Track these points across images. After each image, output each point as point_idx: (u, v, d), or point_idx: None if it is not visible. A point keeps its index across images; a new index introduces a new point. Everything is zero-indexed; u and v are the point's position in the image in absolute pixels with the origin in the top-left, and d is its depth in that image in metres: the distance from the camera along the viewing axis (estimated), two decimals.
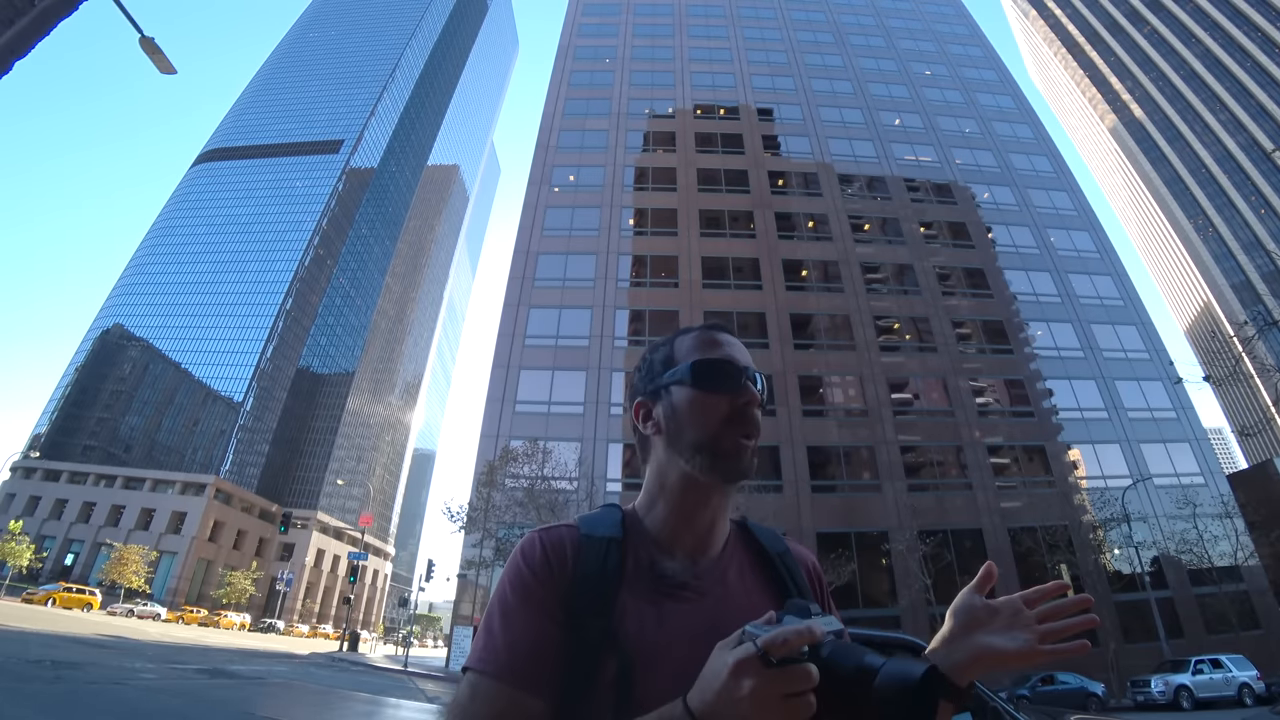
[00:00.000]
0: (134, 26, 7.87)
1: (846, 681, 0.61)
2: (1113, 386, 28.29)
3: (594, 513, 0.94)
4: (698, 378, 0.90)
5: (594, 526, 0.90)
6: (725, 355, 0.92)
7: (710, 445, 0.87)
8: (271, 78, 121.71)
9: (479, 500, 21.76)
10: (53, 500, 68.54)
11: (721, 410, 0.88)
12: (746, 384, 0.90)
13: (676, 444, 0.90)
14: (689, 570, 0.88)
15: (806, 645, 0.60)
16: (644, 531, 0.91)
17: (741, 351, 0.94)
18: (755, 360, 0.94)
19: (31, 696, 7.29)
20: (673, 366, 0.94)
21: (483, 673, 0.76)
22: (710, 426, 0.88)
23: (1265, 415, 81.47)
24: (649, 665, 0.77)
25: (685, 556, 0.89)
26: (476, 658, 0.77)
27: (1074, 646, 0.73)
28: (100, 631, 20.46)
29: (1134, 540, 23.38)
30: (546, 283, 29.39)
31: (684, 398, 0.91)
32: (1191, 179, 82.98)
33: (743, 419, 0.88)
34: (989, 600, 0.78)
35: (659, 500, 0.93)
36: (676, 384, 0.92)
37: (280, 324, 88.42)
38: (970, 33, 49.16)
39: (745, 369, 0.91)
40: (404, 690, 16.01)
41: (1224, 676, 17.23)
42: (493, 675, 0.75)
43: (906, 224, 33.21)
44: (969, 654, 0.75)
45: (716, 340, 0.94)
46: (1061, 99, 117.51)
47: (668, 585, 0.85)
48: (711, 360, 0.91)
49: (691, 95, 39.23)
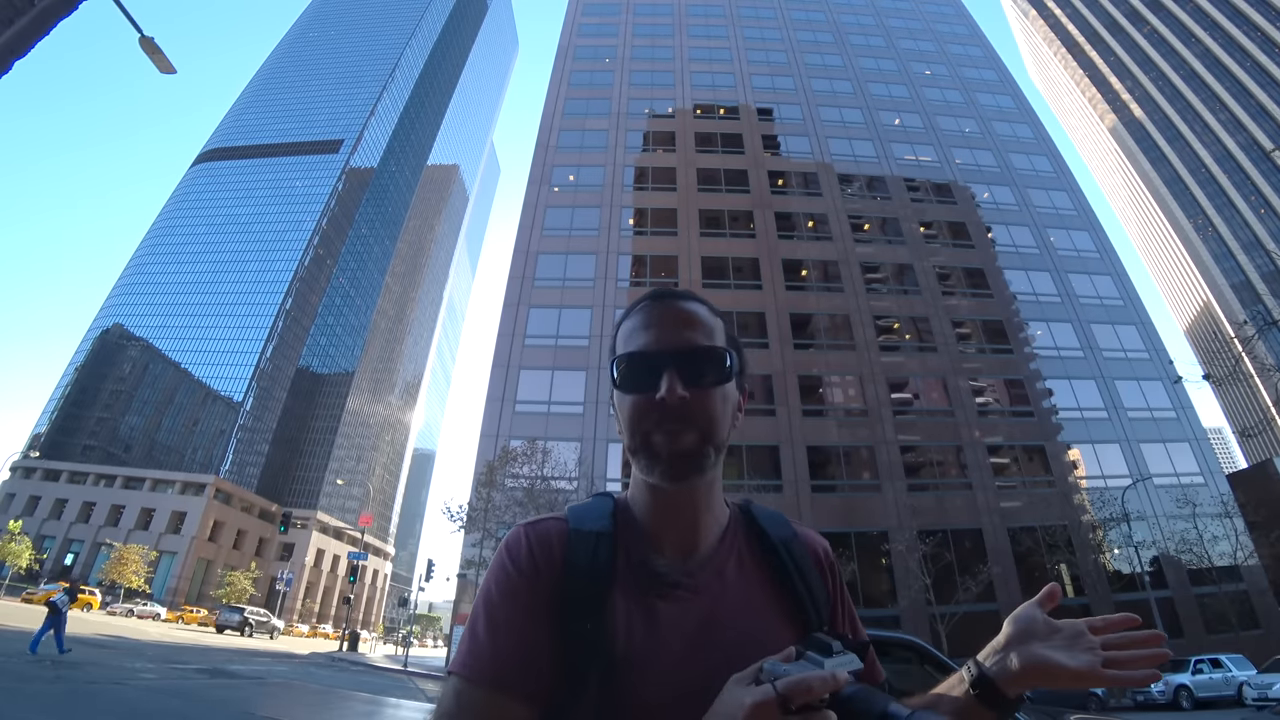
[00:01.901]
0: (134, 26, 7.86)
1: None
2: (1113, 386, 28.28)
3: (584, 504, 0.89)
4: (619, 377, 0.83)
5: (583, 519, 0.85)
6: (640, 346, 0.83)
7: (640, 448, 0.81)
8: (271, 77, 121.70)
9: (479, 500, 21.77)
10: (52, 500, 68.54)
11: (640, 409, 0.80)
12: (665, 375, 0.79)
13: (626, 445, 0.84)
14: (679, 568, 0.82)
15: (828, 692, 0.57)
16: (634, 524, 0.86)
17: (667, 328, 0.83)
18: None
19: (31, 696, 7.29)
20: (614, 357, 0.86)
21: (467, 678, 0.72)
22: (635, 427, 0.81)
23: (1265, 415, 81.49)
24: (640, 668, 0.73)
25: (675, 553, 0.84)
26: (460, 661, 0.73)
27: (1142, 676, 0.68)
28: (100, 631, 20.46)
29: (1134, 540, 23.36)
30: (546, 282, 29.38)
31: (616, 398, 0.85)
32: (1191, 179, 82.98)
33: (660, 414, 0.79)
34: (1051, 618, 0.75)
35: (639, 495, 0.88)
36: (613, 383, 0.85)
37: (280, 324, 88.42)
38: (970, 32, 49.15)
39: (658, 355, 0.81)
40: (404, 690, 16.01)
41: (1224, 676, 17.22)
42: (476, 680, 0.72)
43: (906, 224, 33.20)
44: (1025, 663, 0.70)
45: (641, 322, 0.85)
46: (1061, 99, 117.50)
47: (660, 585, 0.80)
48: (625, 355, 0.83)
49: (691, 95, 39.23)
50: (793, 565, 0.86)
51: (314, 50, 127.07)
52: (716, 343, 0.84)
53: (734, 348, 0.87)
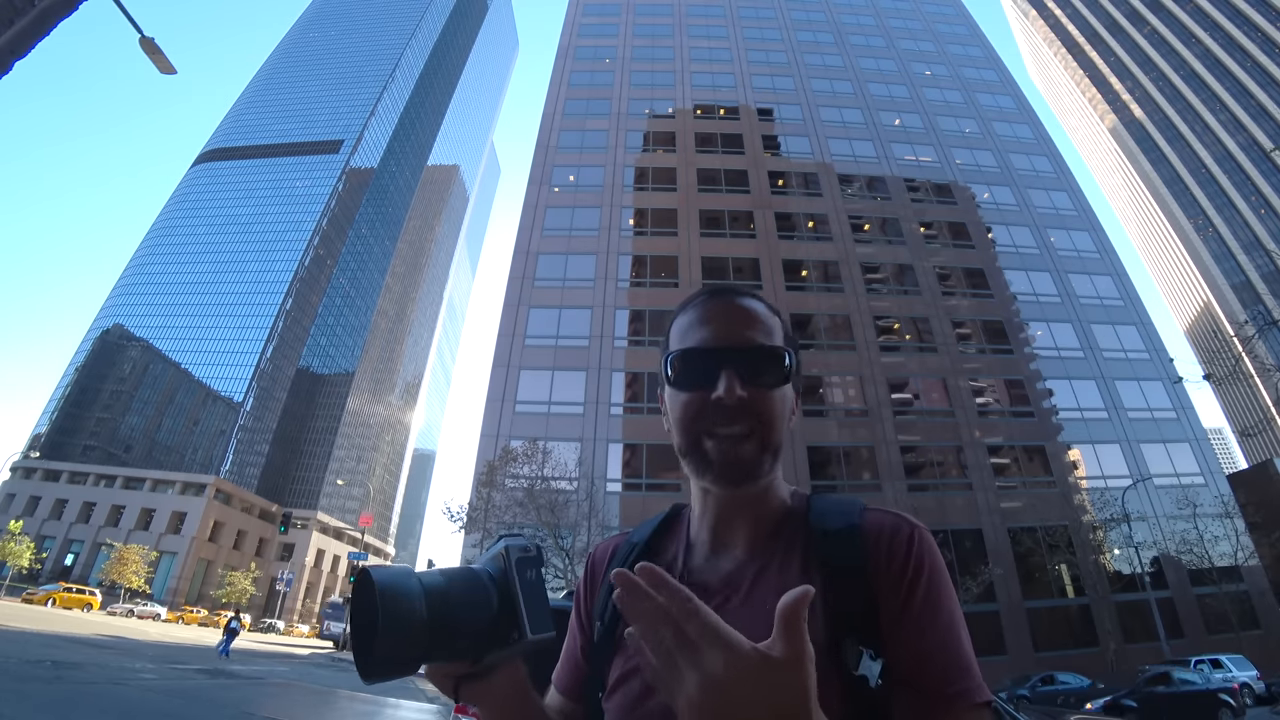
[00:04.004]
0: (134, 27, 7.86)
1: None
2: (1113, 386, 28.27)
3: (652, 517, 0.92)
4: (674, 374, 0.79)
5: (635, 532, 0.92)
6: (697, 342, 0.79)
7: (691, 449, 0.77)
8: (271, 77, 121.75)
9: (479, 500, 21.75)
10: (53, 500, 68.51)
11: (694, 409, 0.76)
12: (723, 374, 0.75)
13: (676, 445, 0.80)
14: (714, 570, 0.79)
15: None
16: (681, 531, 0.86)
17: (726, 324, 0.79)
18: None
19: (31, 696, 7.29)
20: (668, 352, 0.82)
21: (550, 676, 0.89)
22: (689, 427, 0.77)
23: (1265, 415, 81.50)
24: (628, 680, 0.75)
25: (717, 555, 0.80)
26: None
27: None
28: (100, 631, 20.46)
29: (1134, 540, 23.35)
30: (546, 283, 29.38)
31: (667, 396, 0.81)
32: (1191, 179, 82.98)
33: (716, 414, 0.75)
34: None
35: (695, 499, 0.85)
36: (666, 379, 0.81)
37: (280, 324, 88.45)
38: (970, 33, 49.15)
39: (716, 353, 0.77)
40: (404, 690, 16.00)
41: (1224, 676, 17.22)
42: (555, 679, 0.88)
43: (906, 224, 33.19)
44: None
45: (699, 317, 0.81)
46: (1061, 99, 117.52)
47: (685, 583, 0.76)
48: (681, 351, 0.79)
49: (691, 95, 39.22)
50: (831, 566, 0.72)
51: (314, 50, 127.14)
52: (776, 342, 0.80)
53: (792, 347, 0.82)
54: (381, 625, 0.57)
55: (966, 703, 0.63)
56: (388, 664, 0.59)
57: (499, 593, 0.68)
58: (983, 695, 0.63)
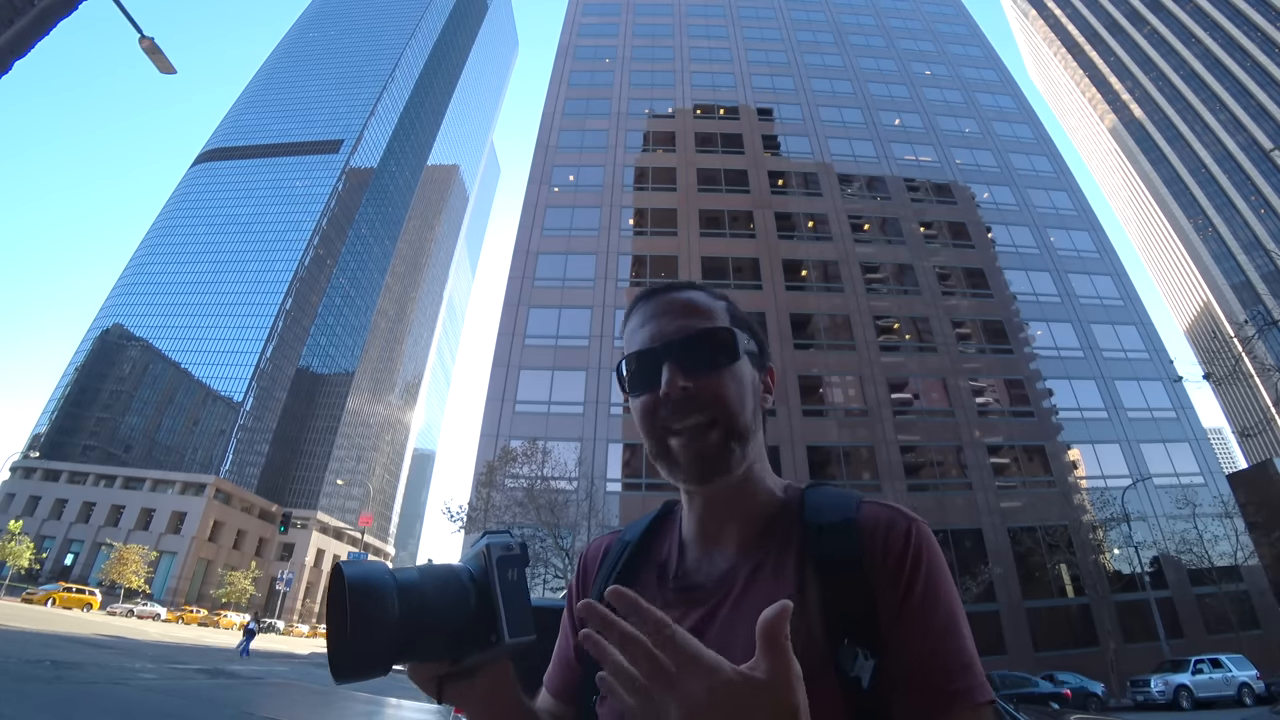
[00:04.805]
0: (134, 27, 7.86)
1: None
2: (1112, 386, 28.27)
3: (645, 515, 0.91)
4: (627, 381, 0.78)
5: (629, 530, 0.89)
6: (639, 344, 0.78)
7: (660, 452, 0.76)
8: (271, 77, 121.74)
9: (479, 500, 21.75)
10: (53, 500, 68.49)
11: (649, 410, 0.75)
12: (664, 368, 0.73)
13: (647, 451, 0.80)
14: (707, 570, 0.77)
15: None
16: (674, 530, 0.84)
17: (663, 320, 0.78)
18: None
19: (31, 696, 7.28)
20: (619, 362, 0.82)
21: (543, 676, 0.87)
22: (649, 431, 0.76)
23: (1265, 415, 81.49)
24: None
25: (709, 554, 0.78)
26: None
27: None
28: (100, 631, 20.46)
29: (1134, 540, 23.37)
30: (546, 282, 29.38)
31: (630, 405, 0.79)
32: (1191, 179, 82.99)
33: (668, 411, 0.73)
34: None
35: (683, 499, 0.84)
36: (623, 390, 0.80)
37: (280, 324, 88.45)
38: (970, 33, 49.14)
39: (655, 350, 0.76)
40: (404, 690, 15.99)
41: (1224, 676, 17.24)
42: (543, 681, 0.87)
43: (906, 224, 33.19)
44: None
45: (639, 321, 0.81)
46: (1061, 99, 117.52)
47: (678, 586, 0.77)
48: (627, 358, 0.79)
49: (691, 95, 39.21)
50: (819, 564, 0.68)
51: (314, 50, 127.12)
52: (719, 324, 0.79)
53: (742, 326, 0.81)
54: (351, 624, 0.55)
55: (967, 701, 0.60)
56: (359, 662, 0.56)
57: (477, 592, 0.65)
58: (984, 694, 0.61)
